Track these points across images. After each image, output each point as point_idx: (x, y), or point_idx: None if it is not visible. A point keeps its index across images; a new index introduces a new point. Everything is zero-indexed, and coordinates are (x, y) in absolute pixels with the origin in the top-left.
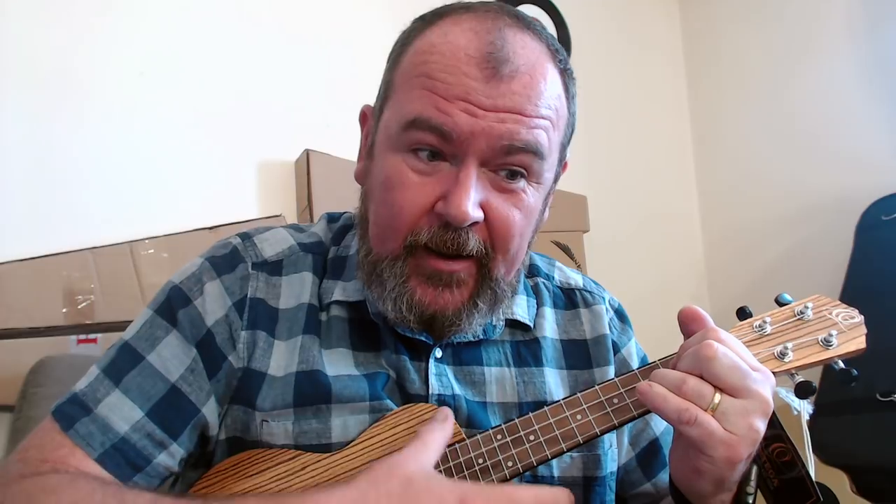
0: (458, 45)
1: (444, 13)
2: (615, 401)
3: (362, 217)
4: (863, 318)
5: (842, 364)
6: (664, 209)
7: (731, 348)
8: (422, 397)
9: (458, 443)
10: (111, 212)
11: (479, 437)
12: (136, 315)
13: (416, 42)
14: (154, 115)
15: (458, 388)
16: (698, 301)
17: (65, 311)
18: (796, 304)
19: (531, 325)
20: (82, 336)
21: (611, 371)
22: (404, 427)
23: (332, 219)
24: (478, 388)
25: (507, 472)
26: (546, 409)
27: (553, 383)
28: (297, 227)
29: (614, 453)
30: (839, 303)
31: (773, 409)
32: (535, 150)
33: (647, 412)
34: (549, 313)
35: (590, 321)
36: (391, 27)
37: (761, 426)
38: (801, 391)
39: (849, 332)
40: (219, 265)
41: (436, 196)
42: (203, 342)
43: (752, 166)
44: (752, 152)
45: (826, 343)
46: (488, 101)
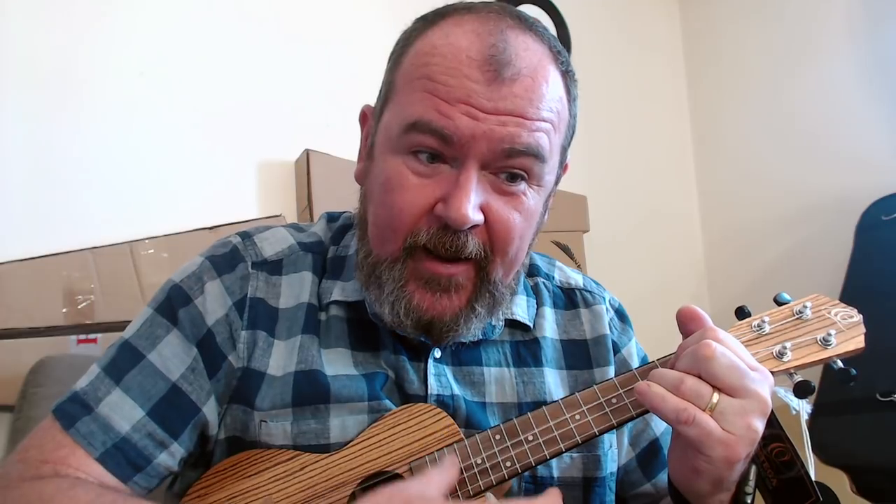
0: (459, 46)
1: (445, 13)
2: (614, 401)
3: (361, 218)
4: (861, 317)
5: (840, 363)
6: (664, 209)
7: (729, 348)
8: (420, 397)
9: (457, 443)
10: (111, 212)
11: (477, 437)
12: (136, 315)
13: (417, 43)
14: (154, 115)
15: (456, 389)
16: (698, 301)
17: (65, 311)
18: (795, 304)
19: (531, 325)
20: (82, 336)
21: (611, 371)
22: (403, 427)
23: (331, 218)
24: (477, 388)
25: (505, 472)
26: (545, 409)
27: (553, 383)
28: (297, 227)
29: (614, 454)
30: (838, 302)
31: (772, 408)
32: (536, 153)
33: (646, 412)
34: (549, 313)
35: (590, 321)
36: (391, 27)
37: (760, 426)
38: (800, 391)
39: (847, 332)
40: (219, 264)
41: (436, 198)
42: (203, 341)
43: (752, 166)
44: (752, 152)
45: (825, 342)
46: (489, 104)
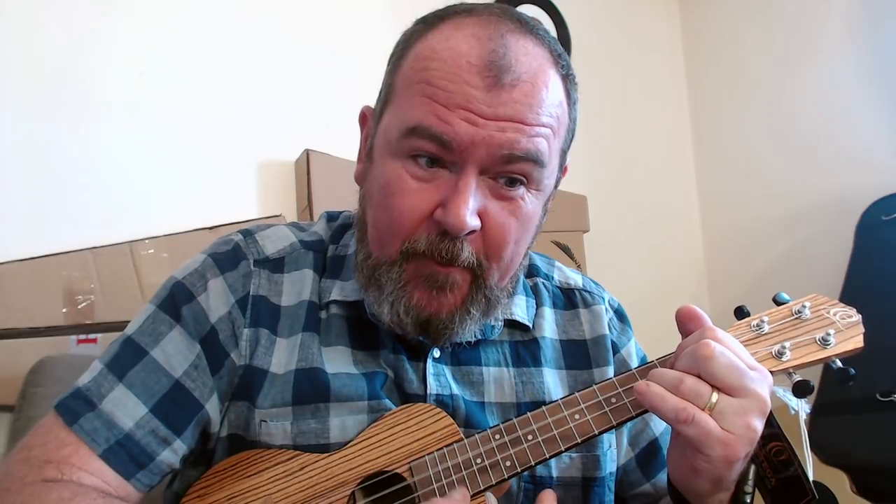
0: (459, 51)
1: (445, 16)
2: (613, 400)
3: (360, 219)
4: (860, 316)
5: (839, 363)
6: (664, 209)
7: (728, 347)
8: (420, 397)
9: (457, 443)
10: (111, 212)
11: (477, 437)
12: (137, 314)
13: (417, 46)
14: (154, 115)
15: (456, 388)
16: (698, 301)
17: (65, 311)
18: (794, 304)
19: (530, 325)
20: (82, 336)
21: (610, 371)
22: (403, 427)
23: (331, 217)
24: (476, 388)
25: (504, 472)
26: (544, 409)
27: (552, 383)
28: (298, 226)
29: (613, 454)
30: (837, 302)
31: (771, 408)
32: (536, 158)
33: (645, 412)
34: (548, 313)
35: (589, 321)
36: (391, 27)
37: (759, 425)
38: (799, 390)
39: (846, 331)
40: (221, 262)
41: (435, 203)
42: (207, 338)
43: (752, 166)
44: (752, 152)
45: (824, 342)
46: (489, 109)
